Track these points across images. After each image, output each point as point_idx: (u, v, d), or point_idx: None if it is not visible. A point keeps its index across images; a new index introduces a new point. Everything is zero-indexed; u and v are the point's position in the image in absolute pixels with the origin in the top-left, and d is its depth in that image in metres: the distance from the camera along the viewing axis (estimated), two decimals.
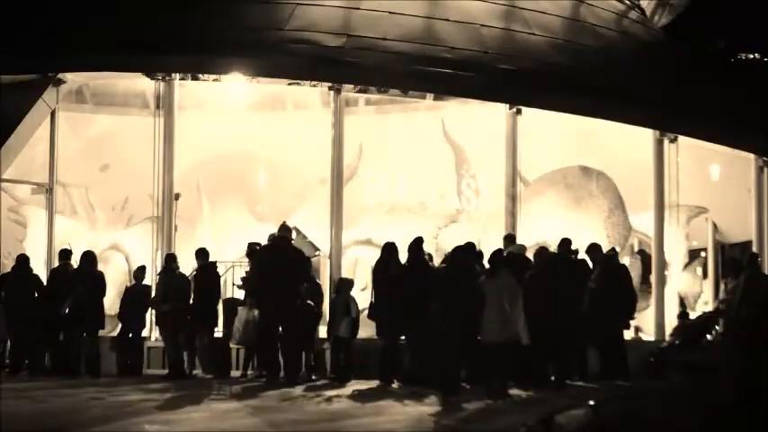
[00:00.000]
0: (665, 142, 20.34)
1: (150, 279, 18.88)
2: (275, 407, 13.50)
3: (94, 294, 18.16)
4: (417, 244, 17.26)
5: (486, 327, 14.50)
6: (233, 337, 17.71)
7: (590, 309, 16.87)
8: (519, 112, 19.83)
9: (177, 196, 19.75)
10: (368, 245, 20.28)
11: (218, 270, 18.55)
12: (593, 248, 18.04)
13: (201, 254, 18.34)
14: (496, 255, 15.62)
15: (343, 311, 17.53)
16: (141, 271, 18.84)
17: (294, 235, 17.92)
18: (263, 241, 18.10)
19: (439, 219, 20.99)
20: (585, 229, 19.64)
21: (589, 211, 20.38)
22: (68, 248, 19.06)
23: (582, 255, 17.96)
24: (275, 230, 17.87)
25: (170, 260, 18.43)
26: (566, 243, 17.42)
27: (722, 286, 19.32)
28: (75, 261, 18.78)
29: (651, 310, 20.04)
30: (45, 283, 18.66)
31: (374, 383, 16.36)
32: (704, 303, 21.38)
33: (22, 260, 18.78)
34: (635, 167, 20.92)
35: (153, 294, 18.45)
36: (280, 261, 16.90)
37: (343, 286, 18.02)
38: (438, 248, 19.66)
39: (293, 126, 21.37)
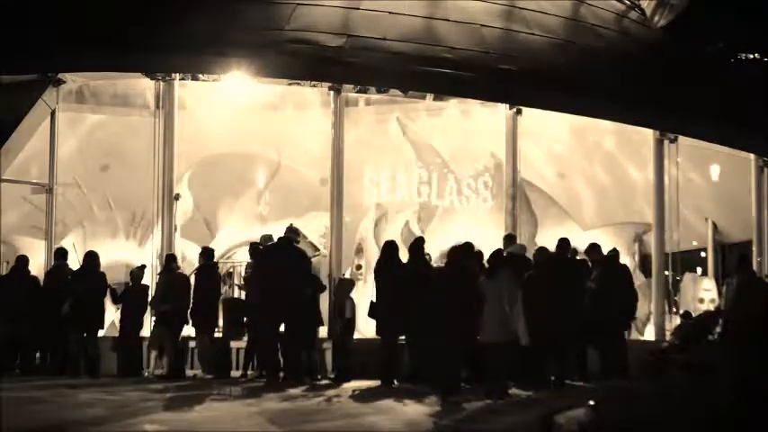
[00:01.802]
0: (665, 142, 20.39)
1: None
2: (275, 407, 13.51)
3: (96, 294, 18.17)
4: (418, 244, 17.27)
5: (485, 326, 14.50)
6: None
7: (590, 309, 16.86)
8: (519, 112, 19.88)
9: (177, 196, 19.76)
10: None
11: (219, 270, 18.55)
12: (592, 248, 18.03)
13: (205, 253, 18.33)
14: (496, 255, 15.62)
15: (337, 312, 17.56)
16: (140, 270, 18.84)
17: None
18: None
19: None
20: (500, 228, 19.84)
21: (501, 208, 20.53)
22: (64, 248, 19.07)
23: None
24: (273, 231, 17.87)
25: (170, 260, 18.45)
26: (565, 243, 17.41)
27: (722, 287, 19.34)
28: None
29: None
30: (42, 284, 18.67)
31: (374, 383, 16.36)
32: (711, 301, 21.43)
33: (21, 261, 18.80)
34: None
35: (152, 294, 18.47)
36: (281, 262, 16.91)
37: (341, 287, 18.03)
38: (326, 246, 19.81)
39: (293, 126, 21.38)
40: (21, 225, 20.95)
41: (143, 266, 18.98)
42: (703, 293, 22.02)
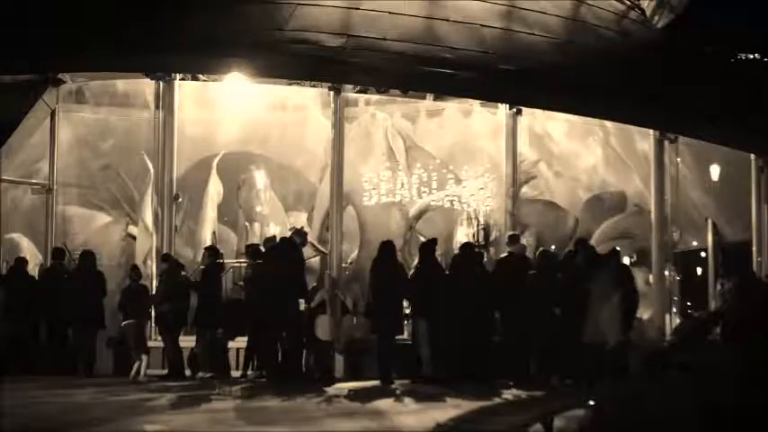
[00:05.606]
0: (665, 142, 20.39)
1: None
2: (275, 406, 13.51)
3: (95, 294, 18.17)
4: (429, 245, 17.27)
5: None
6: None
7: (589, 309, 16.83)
8: (519, 112, 19.90)
9: (177, 197, 19.75)
10: None
11: (223, 270, 18.55)
12: (583, 246, 17.99)
13: (210, 252, 18.31)
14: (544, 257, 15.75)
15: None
16: (135, 270, 18.82)
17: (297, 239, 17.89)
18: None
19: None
20: None
21: None
22: (62, 247, 19.08)
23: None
24: (275, 232, 17.86)
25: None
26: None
27: (719, 287, 19.33)
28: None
29: None
30: (40, 284, 18.67)
31: (374, 383, 16.37)
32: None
33: (20, 262, 18.81)
34: None
35: (152, 294, 18.47)
36: (277, 264, 16.93)
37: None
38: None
39: (293, 126, 21.39)
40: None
41: (135, 266, 18.96)
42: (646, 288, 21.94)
